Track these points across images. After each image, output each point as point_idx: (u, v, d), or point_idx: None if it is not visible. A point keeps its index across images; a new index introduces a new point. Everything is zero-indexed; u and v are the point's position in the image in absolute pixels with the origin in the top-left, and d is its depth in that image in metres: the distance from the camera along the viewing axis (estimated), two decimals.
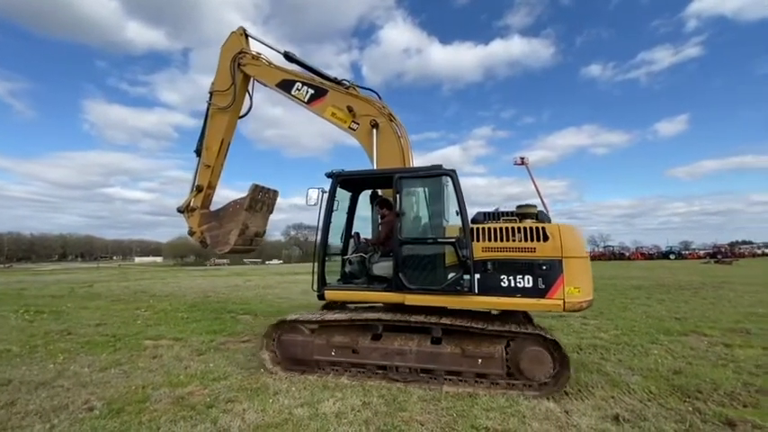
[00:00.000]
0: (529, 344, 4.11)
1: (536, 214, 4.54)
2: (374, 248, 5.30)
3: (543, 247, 4.14)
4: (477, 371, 4.19)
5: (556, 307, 4.07)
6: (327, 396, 3.96)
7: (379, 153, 5.70)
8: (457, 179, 4.46)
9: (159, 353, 5.66)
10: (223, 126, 6.94)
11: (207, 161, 7.01)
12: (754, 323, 7.35)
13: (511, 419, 3.44)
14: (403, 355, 4.36)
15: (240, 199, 6.46)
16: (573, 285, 4.05)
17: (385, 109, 5.89)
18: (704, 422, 3.37)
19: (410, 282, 4.49)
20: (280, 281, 20.34)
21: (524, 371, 4.07)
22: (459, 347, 4.25)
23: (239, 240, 6.41)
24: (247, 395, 4.00)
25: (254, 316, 8.90)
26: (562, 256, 4.08)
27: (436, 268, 4.45)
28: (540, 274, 4.11)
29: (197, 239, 7.04)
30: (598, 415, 3.53)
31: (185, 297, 12.92)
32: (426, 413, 3.59)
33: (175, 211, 7.16)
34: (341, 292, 5.07)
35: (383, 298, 4.75)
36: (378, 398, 3.91)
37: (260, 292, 14.67)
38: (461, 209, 4.38)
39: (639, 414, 3.51)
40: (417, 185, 4.95)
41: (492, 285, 4.24)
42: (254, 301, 11.54)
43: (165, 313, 9.31)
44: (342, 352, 4.57)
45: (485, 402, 3.78)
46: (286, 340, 4.77)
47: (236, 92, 6.74)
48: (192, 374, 4.66)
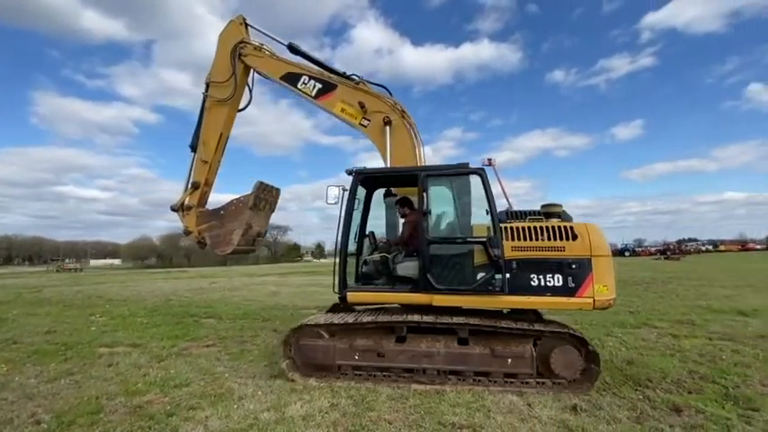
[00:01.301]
0: (557, 342, 4.12)
1: (560, 213, 4.58)
2: (397, 248, 5.13)
3: (572, 246, 4.19)
4: (507, 371, 4.15)
5: (586, 305, 4.12)
6: (295, 399, 3.90)
7: (392, 151, 5.58)
8: (486, 178, 4.40)
9: (115, 360, 5.37)
10: (222, 119, 6.57)
11: (204, 157, 6.61)
12: (698, 315, 7.93)
13: (476, 414, 3.53)
14: (431, 358, 4.25)
15: (244, 197, 6.10)
16: (602, 283, 4.12)
17: (397, 105, 5.77)
18: (654, 409, 3.60)
19: (438, 282, 4.38)
20: (247, 282, 19.81)
21: (554, 369, 4.07)
22: (488, 348, 4.18)
23: (242, 240, 6.10)
24: (210, 401, 3.87)
25: (219, 319, 8.63)
26: (591, 255, 4.14)
27: (465, 268, 4.37)
28: (570, 273, 4.15)
29: (194, 240, 6.65)
30: (558, 406, 3.69)
31: (145, 301, 12.33)
32: (394, 412, 3.61)
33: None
34: (364, 294, 4.86)
35: (409, 299, 4.60)
36: (346, 399, 3.89)
37: (226, 294, 14.24)
38: (491, 208, 4.31)
39: (595, 404, 3.70)
40: (444, 184, 4.81)
41: (522, 285, 4.23)
42: (219, 304, 11.18)
43: (123, 318, 8.85)
44: (366, 356, 4.38)
45: (452, 398, 3.86)
46: (305, 345, 4.51)
47: (236, 83, 6.41)
48: (152, 382, 4.45)
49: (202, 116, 6.68)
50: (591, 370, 4.03)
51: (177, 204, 6.61)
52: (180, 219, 6.67)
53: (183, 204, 6.59)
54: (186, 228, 6.59)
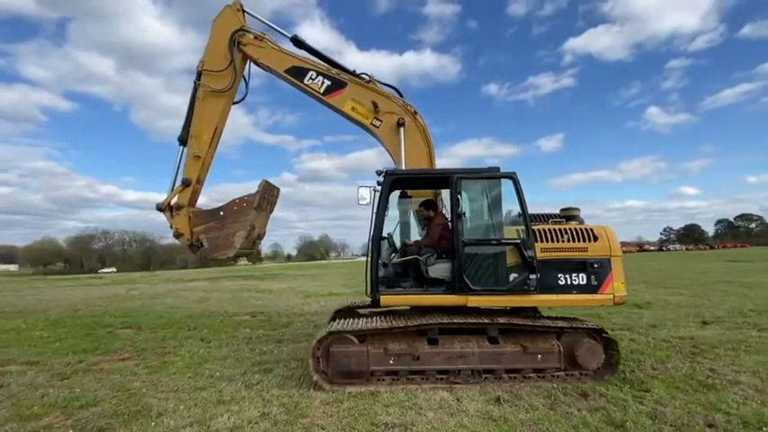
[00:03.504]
0: (579, 335, 4.39)
1: (578, 216, 4.92)
2: (428, 251, 5.03)
3: (594, 247, 4.51)
4: (537, 366, 4.36)
5: (607, 301, 4.45)
6: (222, 411, 3.69)
7: (406, 153, 5.53)
8: (518, 181, 4.54)
9: (6, 381, 4.67)
10: (217, 111, 6.03)
11: (197, 151, 5.97)
12: (603, 309, 8.90)
13: (409, 412, 3.62)
14: (465, 358, 4.33)
15: (248, 196, 5.67)
16: (620, 281, 4.50)
17: (409, 107, 5.70)
18: (565, 395, 3.97)
19: (474, 283, 4.46)
20: (173, 289, 18.37)
21: (579, 361, 4.32)
22: (519, 345, 4.37)
23: (245, 243, 5.65)
24: (123, 421, 3.53)
25: (138, 329, 7.89)
26: (611, 255, 4.50)
27: (499, 269, 4.50)
28: (593, 272, 4.46)
29: (186, 242, 5.97)
30: (484, 399, 3.92)
31: (47, 312, 10.87)
32: (328, 416, 3.58)
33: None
34: (397, 297, 4.80)
35: (443, 300, 4.61)
36: (278, 407, 3.77)
37: (147, 302, 13.05)
38: (523, 211, 4.49)
39: (516, 394, 3.99)
40: (477, 187, 4.91)
41: (550, 284, 4.46)
42: (139, 313, 10.21)
43: (18, 333, 7.73)
44: (401, 359, 4.36)
45: (386, 399, 3.92)
46: (336, 352, 4.32)
47: (235, 73, 5.93)
48: (52, 403, 3.94)
49: (193, 107, 6.08)
50: (613, 358, 4.36)
51: (164, 203, 5.96)
52: (168, 219, 6.01)
53: (170, 204, 5.95)
54: (177, 230, 5.94)
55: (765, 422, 3.25)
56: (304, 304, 11.36)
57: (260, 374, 4.79)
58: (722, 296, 10.52)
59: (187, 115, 6.10)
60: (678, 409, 3.57)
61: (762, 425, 3.21)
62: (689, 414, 3.46)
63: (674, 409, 3.55)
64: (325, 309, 10.19)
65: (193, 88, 6.08)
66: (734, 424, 3.26)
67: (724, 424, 3.26)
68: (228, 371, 4.98)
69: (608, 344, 4.38)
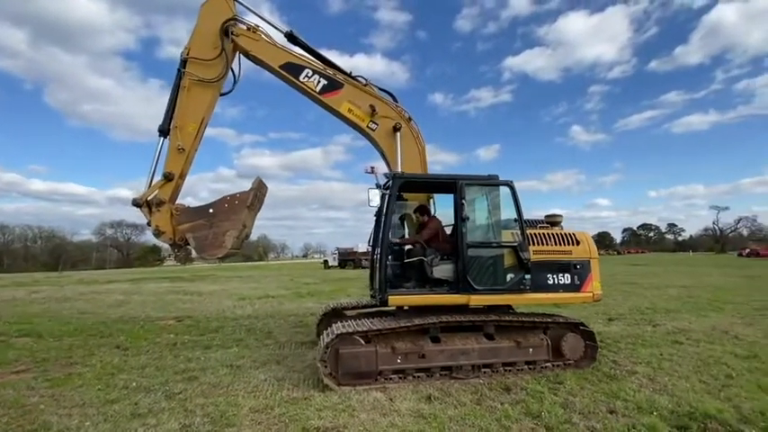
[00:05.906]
0: (562, 329, 4.89)
1: (560, 222, 5.44)
2: (433, 252, 5.05)
3: (577, 250, 5.03)
4: (528, 359, 4.75)
5: (588, 299, 4.98)
6: (136, 425, 3.39)
7: (402, 157, 5.71)
8: (515, 189, 4.90)
9: None
10: (205, 102, 5.66)
11: (181, 144, 5.49)
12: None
13: (342, 415, 3.60)
14: (467, 354, 4.58)
15: (240, 194, 5.37)
16: (597, 280, 5.04)
17: (404, 113, 5.82)
18: (491, 390, 4.22)
19: (477, 283, 4.72)
20: (84, 291, 16.46)
21: (564, 352, 4.79)
22: (513, 341, 4.73)
23: (236, 242, 5.27)
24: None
25: (38, 338, 6.97)
26: (590, 257, 5.04)
27: (498, 270, 4.82)
28: (576, 273, 4.97)
29: (167, 240, 5.40)
30: (415, 397, 4.03)
31: None
32: (257, 424, 3.44)
33: None
34: (404, 297, 4.94)
35: (447, 300, 4.84)
36: (202, 417, 3.55)
37: (52, 306, 11.56)
38: (519, 216, 4.84)
39: (446, 392, 4.16)
40: (478, 193, 5.16)
41: (541, 283, 4.88)
42: (41, 319, 9.02)
43: None
44: (408, 358, 4.50)
45: (318, 402, 3.87)
46: (345, 354, 4.34)
47: (227, 63, 5.62)
48: None
49: (177, 96, 5.61)
50: (592, 347, 4.92)
51: (142, 199, 5.35)
52: (145, 216, 5.44)
53: (147, 200, 5.38)
54: (157, 227, 5.38)
55: (656, 407, 3.72)
56: (236, 307, 10.80)
57: (183, 383, 4.48)
58: (625, 296, 11.86)
59: (169, 105, 5.73)
60: (586, 398, 3.97)
61: (653, 409, 3.67)
62: (594, 402, 3.86)
63: (583, 399, 3.94)
64: (259, 312, 9.79)
65: (177, 76, 5.72)
66: (630, 409, 3.69)
67: (622, 410, 3.68)
68: (147, 380, 4.58)
69: (587, 337, 4.93)
